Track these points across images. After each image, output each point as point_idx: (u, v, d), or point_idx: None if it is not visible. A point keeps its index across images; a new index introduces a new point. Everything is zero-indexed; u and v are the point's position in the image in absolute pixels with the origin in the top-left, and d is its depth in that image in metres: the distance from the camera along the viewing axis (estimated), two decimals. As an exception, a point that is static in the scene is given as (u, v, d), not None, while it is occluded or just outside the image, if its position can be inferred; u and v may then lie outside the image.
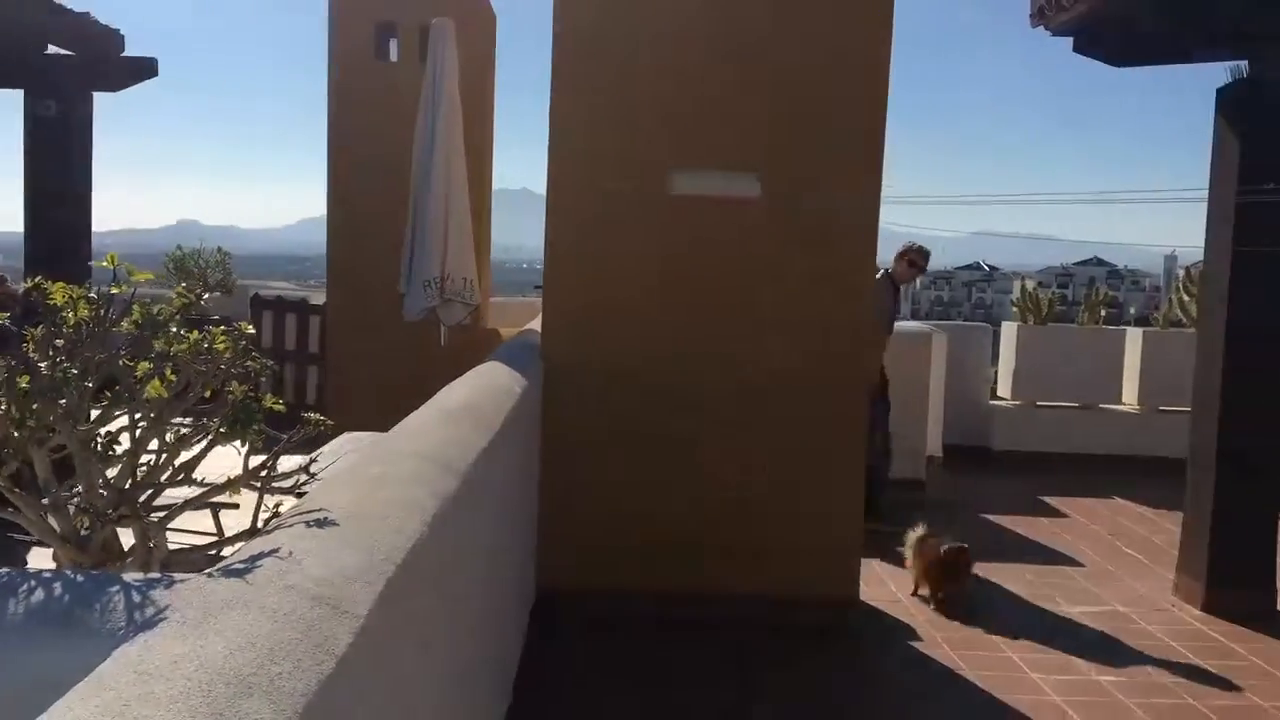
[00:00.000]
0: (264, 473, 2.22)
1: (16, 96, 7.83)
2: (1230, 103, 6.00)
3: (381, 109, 8.41)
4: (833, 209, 5.38)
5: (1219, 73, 6.07)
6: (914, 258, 7.79)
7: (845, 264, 5.43)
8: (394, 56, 8.73)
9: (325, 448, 4.68)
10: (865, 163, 5.37)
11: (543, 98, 5.46)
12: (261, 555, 1.76)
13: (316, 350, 10.14)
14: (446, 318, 6.84)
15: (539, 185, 5.27)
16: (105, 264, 2.15)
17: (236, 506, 4.14)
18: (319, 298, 10.31)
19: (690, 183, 5.39)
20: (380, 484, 2.35)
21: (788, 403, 5.43)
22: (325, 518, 2.02)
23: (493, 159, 9.00)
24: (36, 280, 2.08)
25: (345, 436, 5.17)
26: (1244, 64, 5.97)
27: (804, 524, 5.45)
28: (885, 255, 6.99)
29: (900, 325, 9.98)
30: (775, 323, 5.42)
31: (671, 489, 5.44)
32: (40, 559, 4.07)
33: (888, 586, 6.11)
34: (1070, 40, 6.30)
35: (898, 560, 6.33)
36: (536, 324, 7.05)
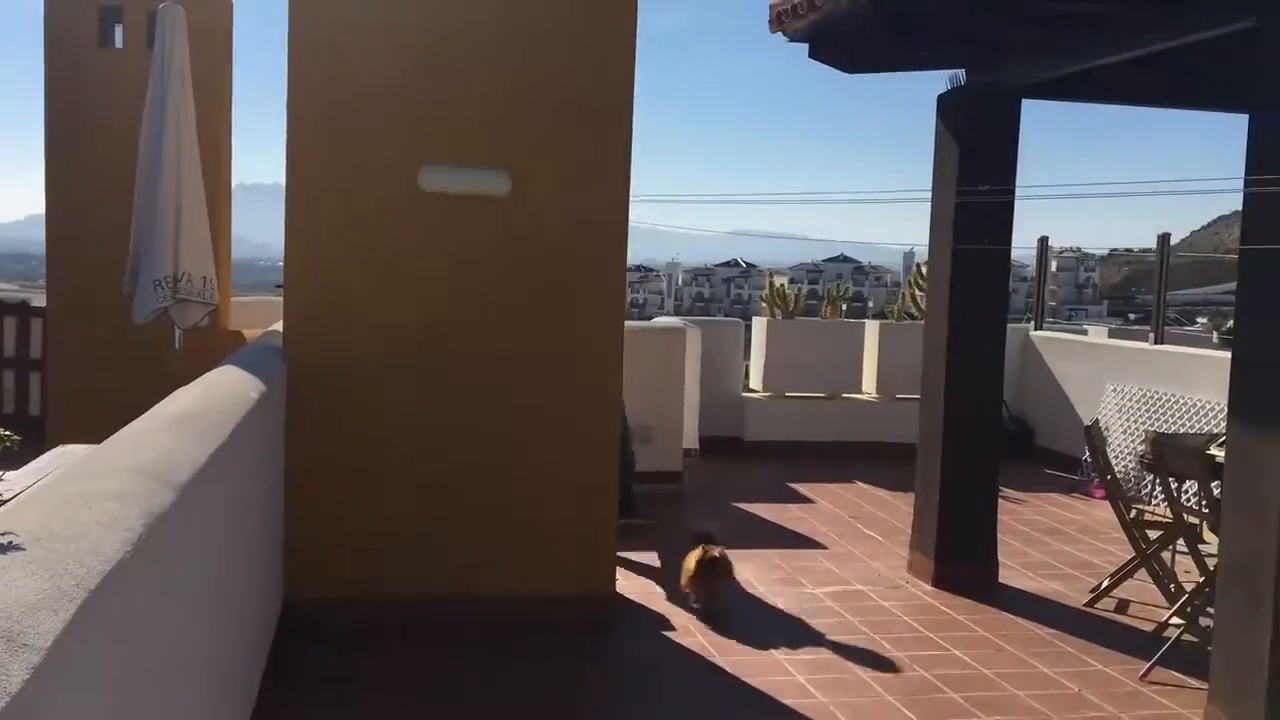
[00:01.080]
0: (-61, 495, 2.00)
1: None
2: (949, 109, 6.44)
3: (106, 98, 7.84)
4: (582, 207, 5.41)
5: (943, 81, 6.51)
6: None
7: (594, 260, 5.47)
8: (119, 43, 8.16)
9: (33, 463, 4.31)
10: (612, 159, 5.43)
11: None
12: (-75, 587, 1.58)
13: (40, 356, 9.35)
14: (181, 319, 6.44)
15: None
16: None
17: None
18: (41, 299, 9.52)
19: (438, 179, 5.29)
20: (81, 502, 2.16)
21: (534, 400, 5.43)
22: (9, 542, 1.83)
23: (232, 151, 8.55)
24: None
25: (58, 449, 4.78)
26: (962, 73, 6.41)
27: (557, 519, 5.46)
28: (655, 254, 7.09)
29: (656, 321, 10.18)
30: (523, 320, 5.41)
31: (420, 491, 5.34)
32: None
33: (639, 579, 6.21)
34: (806, 47, 6.59)
35: (650, 550, 6.46)
36: (280, 324, 6.76)
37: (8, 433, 2.11)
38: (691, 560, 5.68)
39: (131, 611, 2.03)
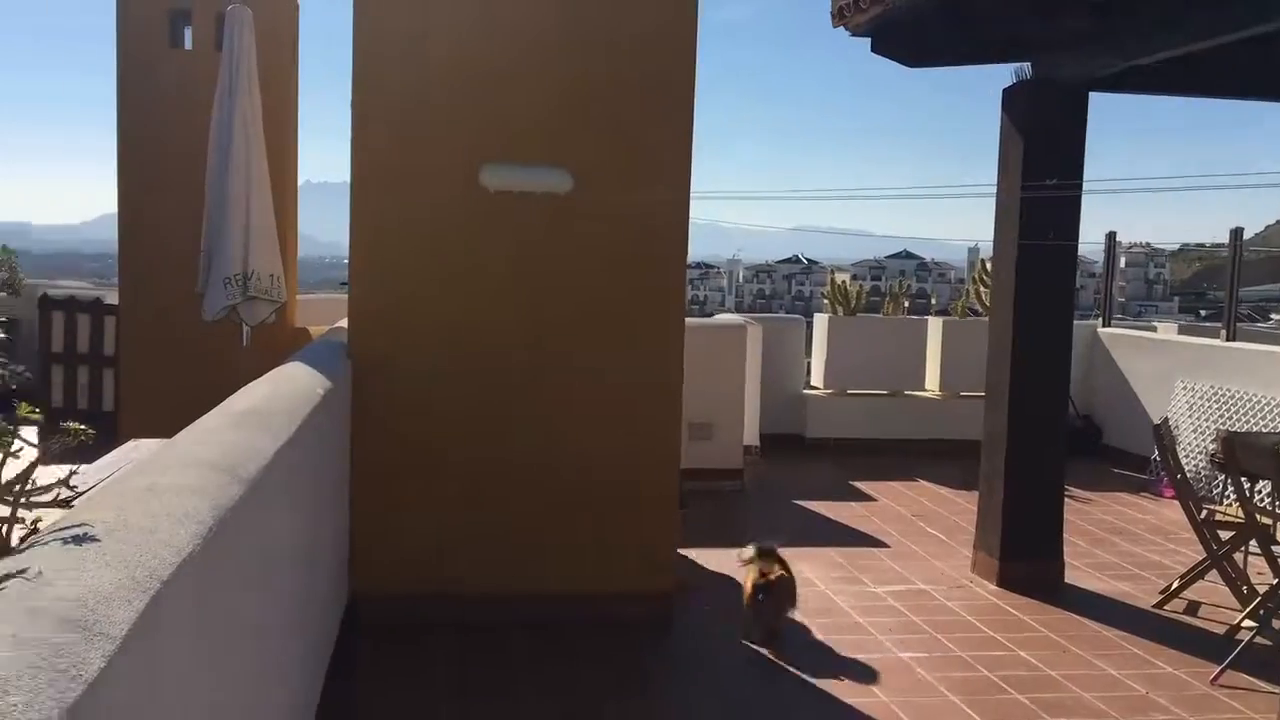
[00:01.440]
0: (18, 486, 2.05)
1: None
2: (1014, 102, 6.33)
3: (176, 99, 7.99)
4: (642, 203, 5.41)
5: (1008, 74, 6.41)
6: None
7: (655, 256, 5.47)
8: (189, 44, 8.32)
9: (106, 456, 4.42)
10: (673, 155, 5.42)
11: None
12: (5, 577, 1.63)
13: (113, 353, 9.59)
14: (249, 316, 6.55)
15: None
16: None
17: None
18: (114, 297, 9.74)
19: (500, 177, 5.33)
20: (152, 495, 2.21)
21: (595, 396, 5.44)
22: (85, 533, 1.88)
23: (298, 151, 8.68)
24: None
25: (130, 444, 4.89)
26: (1027, 65, 6.31)
27: (618, 516, 5.47)
28: (716, 251, 7.07)
29: (717, 318, 10.17)
30: (584, 317, 5.43)
31: (482, 488, 5.38)
32: None
33: (700, 577, 6.20)
34: (869, 41, 6.53)
35: (709, 544, 6.46)
36: (345, 321, 6.85)
37: (82, 427, 2.16)
38: (748, 584, 5.31)
39: (201, 603, 2.07)
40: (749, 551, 5.40)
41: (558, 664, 4.93)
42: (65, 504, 2.22)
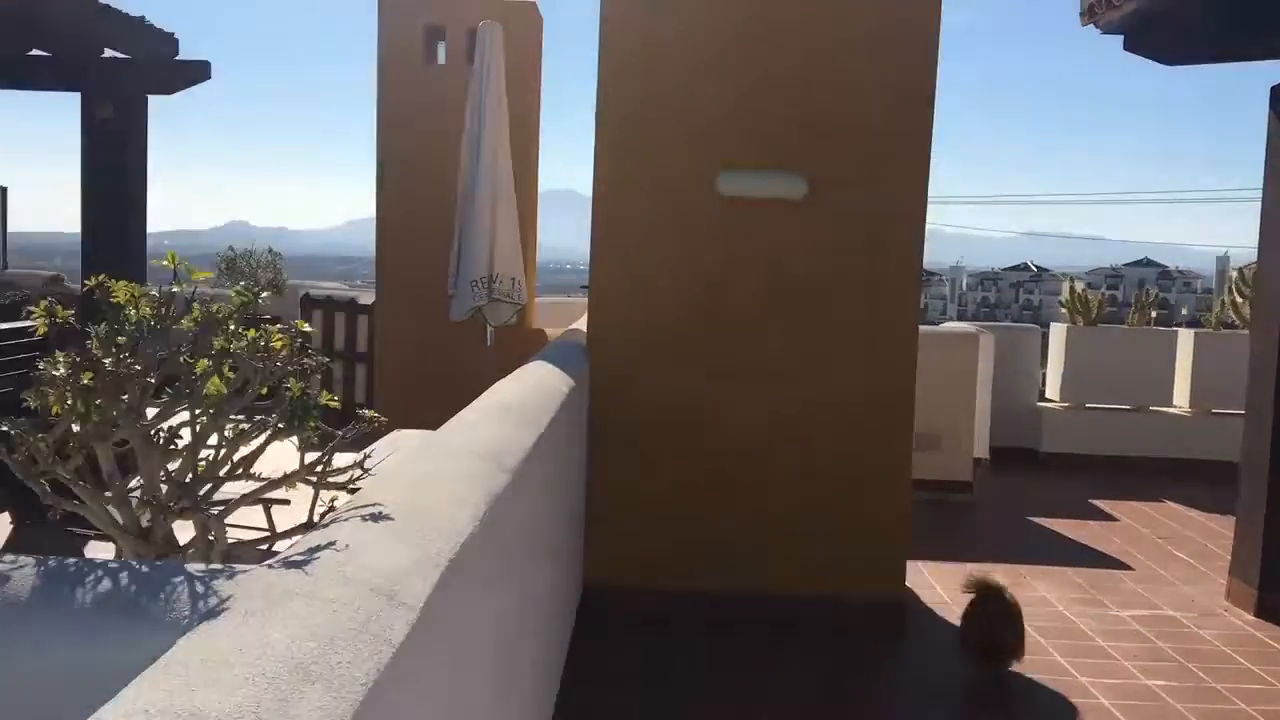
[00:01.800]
0: (319, 468, 2.26)
1: (75, 99, 7.99)
2: (1286, 100, 5.90)
3: (429, 111, 8.49)
4: (879, 210, 5.36)
5: (1273, 70, 5.98)
6: None
7: (889, 261, 5.41)
8: (442, 59, 8.82)
9: (375, 444, 4.75)
10: (912, 158, 5.35)
11: (583, 97, 5.50)
12: (319, 548, 1.80)
13: (364, 349, 10.26)
14: (493, 317, 6.89)
15: (581, 185, 5.33)
16: (165, 263, 2.21)
17: (288, 503, 4.21)
18: (366, 298, 10.43)
19: (735, 183, 5.39)
20: (432, 480, 2.38)
21: (827, 400, 5.43)
22: (380, 512, 2.05)
23: (539, 160, 9.06)
24: (99, 278, 2.15)
25: (394, 434, 5.23)
26: (1301, 60, 5.88)
27: (848, 521, 5.44)
28: (938, 257, 6.93)
29: (947, 326, 9.92)
30: (818, 321, 5.42)
31: (717, 488, 5.45)
32: (97, 553, 4.16)
33: (931, 587, 6.07)
34: (1120, 39, 6.24)
35: (935, 558, 6.31)
36: (581, 324, 7.09)
37: (375, 414, 2.36)
38: (970, 597, 4.93)
39: (478, 581, 2.21)
40: (971, 579, 4.99)
41: (792, 667, 4.94)
42: (349, 487, 2.42)
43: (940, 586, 6.09)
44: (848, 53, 5.36)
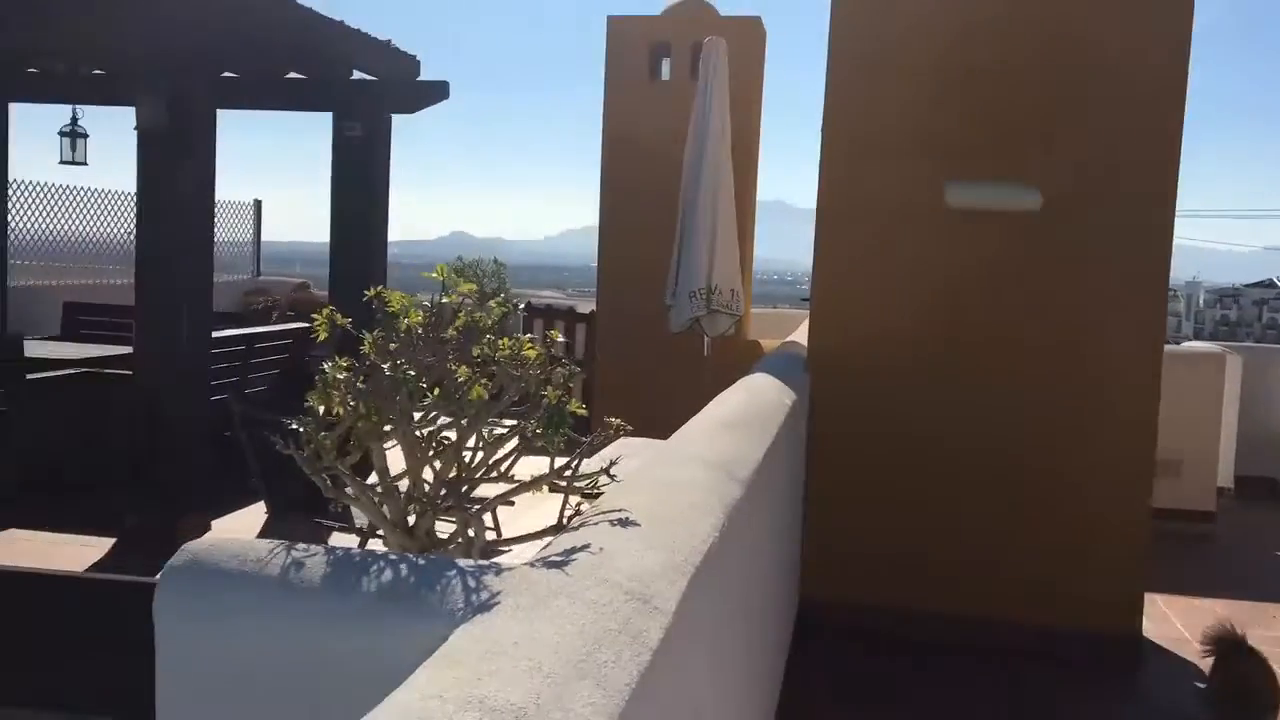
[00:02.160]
0: (568, 473, 2.36)
1: (326, 119, 8.57)
2: None
3: (653, 126, 8.67)
4: (1120, 222, 5.12)
5: None
6: None
7: (1130, 276, 5.16)
8: (666, 75, 8.99)
9: (603, 451, 4.88)
10: (1160, 167, 5.08)
11: (798, 107, 5.51)
12: (575, 550, 1.88)
13: (581, 356, 10.54)
14: (711, 328, 6.96)
15: (793, 197, 5.33)
16: (435, 275, 2.37)
17: (512, 504, 4.39)
18: (582, 306, 10.73)
19: (965, 194, 5.26)
20: (672, 489, 2.45)
21: (1061, 422, 5.22)
22: (627, 518, 2.13)
23: (758, 173, 9.10)
24: (379, 290, 2.32)
25: (620, 442, 5.35)
26: None
27: (1079, 549, 5.21)
28: (1173, 272, 6.56)
29: (1188, 345, 9.35)
30: (1052, 341, 5.22)
31: (932, 505, 5.33)
32: (340, 544, 4.44)
33: (1170, 624, 5.74)
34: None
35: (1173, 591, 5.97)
36: (797, 335, 7.08)
37: (621, 421, 2.44)
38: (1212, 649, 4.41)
39: (718, 589, 2.26)
40: (1211, 635, 4.45)
41: (1003, 697, 4.78)
42: (591, 493, 2.51)
43: (1179, 621, 5.75)
44: (1095, 54, 5.14)
